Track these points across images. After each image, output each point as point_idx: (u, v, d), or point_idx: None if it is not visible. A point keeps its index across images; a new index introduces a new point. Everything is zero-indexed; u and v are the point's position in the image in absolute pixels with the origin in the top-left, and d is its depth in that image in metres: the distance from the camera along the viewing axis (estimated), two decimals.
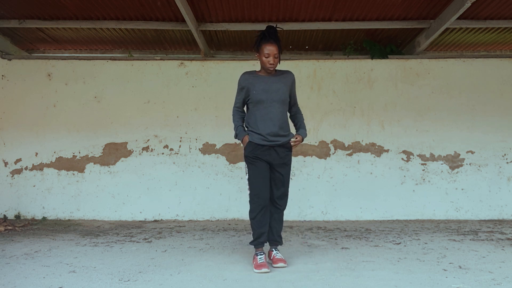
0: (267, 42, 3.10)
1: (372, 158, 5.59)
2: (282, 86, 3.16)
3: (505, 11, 4.93)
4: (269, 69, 3.13)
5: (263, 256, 3.09)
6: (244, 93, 3.22)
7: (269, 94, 3.12)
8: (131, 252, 3.61)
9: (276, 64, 3.15)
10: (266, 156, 3.13)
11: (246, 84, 3.19)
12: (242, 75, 3.26)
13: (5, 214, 5.54)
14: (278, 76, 3.21)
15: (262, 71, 3.22)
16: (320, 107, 5.65)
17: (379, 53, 5.69)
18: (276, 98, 3.12)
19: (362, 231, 4.62)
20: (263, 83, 3.15)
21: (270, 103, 3.11)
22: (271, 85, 3.15)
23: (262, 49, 3.10)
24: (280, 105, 3.14)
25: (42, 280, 2.79)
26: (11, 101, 5.68)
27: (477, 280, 2.72)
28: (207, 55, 5.85)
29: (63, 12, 5.03)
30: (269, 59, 3.09)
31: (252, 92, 3.15)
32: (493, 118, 5.59)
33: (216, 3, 4.77)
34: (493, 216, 5.48)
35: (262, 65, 3.17)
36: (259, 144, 3.11)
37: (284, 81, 3.20)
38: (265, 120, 3.11)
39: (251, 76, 3.21)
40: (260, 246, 3.15)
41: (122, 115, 5.66)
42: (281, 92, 3.14)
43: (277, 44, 3.11)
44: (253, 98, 3.15)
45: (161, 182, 5.58)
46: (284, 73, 3.26)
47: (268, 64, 3.11)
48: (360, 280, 2.75)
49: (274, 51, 3.09)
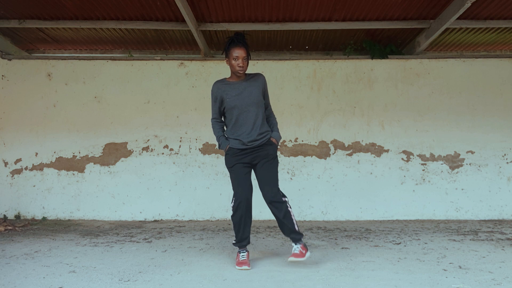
0: (235, 46, 3.12)
1: (372, 158, 5.59)
2: (254, 89, 3.19)
3: (505, 11, 4.93)
4: (239, 72, 3.14)
5: (245, 254, 3.16)
6: (218, 103, 3.23)
7: (243, 99, 3.14)
8: (131, 252, 3.61)
9: (246, 67, 3.16)
10: (247, 158, 3.17)
11: (219, 93, 3.21)
12: (213, 85, 3.27)
13: (5, 214, 5.54)
14: (249, 80, 3.23)
15: (233, 76, 3.23)
16: (320, 107, 5.65)
17: (379, 53, 5.69)
18: (250, 102, 3.15)
19: (362, 231, 4.62)
20: (235, 89, 3.18)
21: (245, 108, 3.14)
22: (243, 90, 3.17)
23: (231, 53, 3.12)
24: (255, 108, 3.17)
25: (42, 280, 2.79)
26: (11, 101, 5.68)
27: (477, 280, 2.72)
28: (207, 55, 5.85)
29: (63, 12, 5.03)
30: (238, 61, 3.10)
31: (226, 100, 3.17)
32: (493, 118, 5.59)
33: (216, 3, 4.77)
34: (493, 216, 5.48)
35: (231, 69, 3.18)
36: (238, 148, 3.16)
37: (256, 84, 3.21)
38: (242, 125, 3.15)
39: (222, 85, 3.23)
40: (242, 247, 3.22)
41: (122, 115, 5.66)
42: (254, 96, 3.17)
43: (245, 48, 3.13)
44: (227, 105, 3.17)
45: (161, 182, 5.58)
46: (254, 76, 3.27)
47: (238, 67, 3.12)
48: (360, 280, 2.75)
49: (243, 54, 3.10)
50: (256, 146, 3.17)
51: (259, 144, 3.17)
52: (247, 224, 3.20)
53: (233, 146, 3.18)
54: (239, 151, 3.17)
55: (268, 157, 3.19)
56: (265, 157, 3.18)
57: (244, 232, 3.19)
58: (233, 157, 3.19)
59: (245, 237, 3.20)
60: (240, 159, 3.17)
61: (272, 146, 3.22)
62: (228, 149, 3.21)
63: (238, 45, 3.11)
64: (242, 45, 3.11)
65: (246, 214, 3.18)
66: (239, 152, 3.17)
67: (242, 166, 3.19)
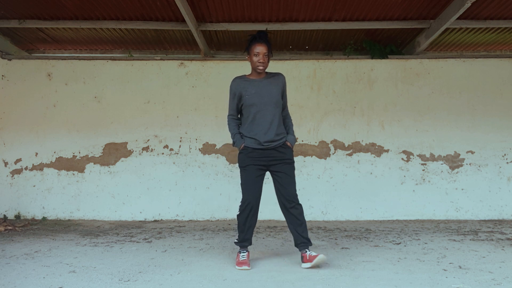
0: (256, 42, 3.13)
1: (372, 158, 5.59)
2: (274, 88, 3.17)
3: (505, 11, 4.93)
4: (259, 68, 3.14)
5: (245, 254, 3.15)
6: (237, 99, 3.21)
7: (262, 98, 3.13)
8: (131, 252, 3.61)
9: (266, 65, 3.16)
10: (262, 159, 3.14)
11: (238, 90, 3.20)
12: (232, 81, 3.26)
13: (5, 214, 5.54)
14: (269, 78, 3.22)
15: (253, 73, 3.23)
16: (320, 107, 5.65)
17: (379, 53, 5.69)
18: (268, 101, 3.13)
19: (362, 231, 4.62)
20: (255, 87, 3.16)
21: (263, 106, 3.12)
22: (263, 88, 3.16)
23: (252, 49, 3.13)
24: (273, 107, 3.15)
25: (42, 280, 2.79)
26: (11, 101, 5.68)
27: (477, 280, 2.72)
28: (207, 55, 5.85)
29: (63, 12, 5.03)
30: (259, 57, 3.11)
31: (245, 97, 3.15)
32: (493, 118, 5.59)
33: (216, 3, 4.77)
34: (493, 216, 5.48)
35: (252, 66, 3.18)
36: (254, 148, 3.13)
37: (276, 83, 3.20)
38: (259, 124, 3.13)
39: (242, 81, 3.22)
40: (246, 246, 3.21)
41: (122, 115, 5.66)
42: (273, 95, 3.15)
43: (266, 45, 3.13)
44: (246, 102, 3.15)
45: (161, 182, 5.58)
46: (275, 75, 3.26)
47: (258, 63, 3.12)
48: (360, 280, 2.75)
49: (264, 50, 3.11)
50: (272, 148, 3.13)
51: (275, 146, 3.14)
52: (251, 226, 3.18)
53: (248, 145, 3.15)
54: (254, 150, 3.13)
55: (286, 160, 3.17)
56: (282, 160, 3.15)
57: (247, 233, 3.17)
58: (247, 157, 3.15)
59: (247, 238, 3.19)
60: (255, 161, 3.13)
61: (289, 149, 3.20)
62: (242, 148, 3.18)
63: (260, 42, 3.11)
64: (263, 41, 3.12)
65: (252, 216, 3.15)
66: (254, 152, 3.13)
67: (256, 168, 3.14)
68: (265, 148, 3.13)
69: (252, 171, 3.14)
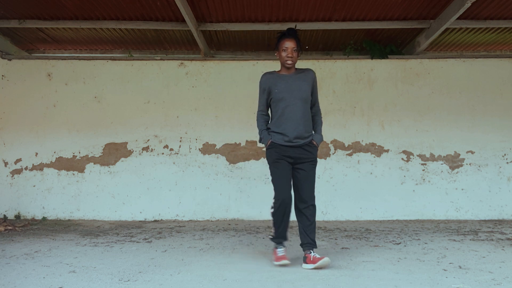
0: (285, 38, 3.15)
1: (372, 158, 5.59)
2: (303, 83, 3.16)
3: (505, 11, 4.93)
4: (287, 62, 3.14)
5: (283, 249, 3.15)
6: (266, 94, 3.21)
7: (291, 93, 3.12)
8: (131, 252, 3.61)
9: (295, 59, 3.16)
10: (291, 155, 3.12)
11: (267, 85, 3.19)
12: (262, 76, 3.25)
13: (5, 214, 5.54)
14: (299, 73, 3.21)
15: (282, 69, 3.23)
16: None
17: (379, 53, 5.69)
18: (298, 96, 3.12)
19: (362, 231, 4.62)
20: (284, 82, 3.16)
21: (293, 101, 3.11)
22: (293, 83, 3.15)
23: (281, 45, 3.15)
24: (303, 103, 3.13)
25: (42, 280, 2.78)
26: (11, 101, 5.68)
27: (477, 280, 2.72)
28: (207, 55, 5.85)
29: (63, 12, 5.03)
30: (287, 52, 3.12)
31: (274, 91, 3.15)
32: (493, 118, 5.59)
33: (216, 3, 4.77)
34: (493, 216, 5.48)
35: (281, 61, 3.19)
36: (281, 144, 3.12)
37: (305, 78, 3.19)
38: (287, 119, 3.10)
39: (271, 76, 3.22)
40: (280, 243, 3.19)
41: (122, 115, 5.66)
42: (303, 90, 3.14)
43: (295, 40, 3.14)
44: (275, 97, 3.14)
45: (161, 182, 5.58)
46: (304, 71, 3.24)
47: (286, 57, 3.13)
48: (360, 280, 2.75)
49: (292, 45, 3.12)
50: (299, 146, 3.12)
51: (302, 144, 3.12)
52: (287, 222, 3.16)
53: (275, 141, 3.13)
54: (281, 147, 3.12)
55: (311, 159, 3.15)
56: (308, 159, 3.14)
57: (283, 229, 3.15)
58: (275, 152, 3.13)
59: (283, 234, 3.17)
60: (284, 156, 3.11)
61: (315, 148, 3.18)
62: (270, 144, 3.16)
63: (288, 37, 3.14)
64: (292, 37, 3.14)
65: (287, 212, 3.12)
66: (282, 149, 3.11)
67: (286, 162, 3.13)
68: (292, 146, 3.11)
69: (284, 165, 3.13)
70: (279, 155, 3.12)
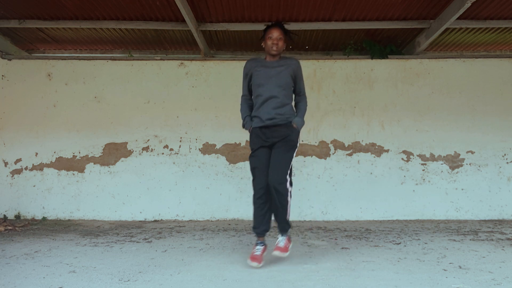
0: (271, 27, 3.22)
1: (372, 158, 5.59)
2: (283, 70, 3.19)
3: (505, 11, 4.93)
4: (272, 49, 3.18)
5: (261, 248, 3.14)
6: (248, 78, 3.28)
7: (269, 79, 3.16)
8: (131, 252, 3.61)
9: (280, 48, 3.20)
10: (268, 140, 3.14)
11: (249, 69, 3.27)
12: (246, 62, 3.34)
13: (5, 214, 5.54)
14: (281, 61, 3.26)
15: (267, 57, 3.29)
16: (320, 107, 5.65)
17: (379, 53, 5.69)
18: (276, 83, 3.15)
19: (362, 231, 4.62)
20: (265, 68, 3.22)
21: (271, 87, 3.15)
22: (273, 69, 3.19)
23: (267, 34, 3.22)
24: (281, 89, 3.16)
25: (42, 280, 2.78)
26: (11, 101, 5.68)
27: (477, 280, 2.72)
28: (207, 55, 5.86)
29: (63, 12, 5.03)
30: (272, 40, 3.18)
31: (254, 77, 3.22)
32: (493, 118, 5.59)
33: (216, 3, 4.77)
34: (493, 216, 5.48)
35: (266, 49, 3.25)
36: (259, 127, 3.16)
37: (286, 66, 3.22)
38: (264, 102, 3.14)
39: (255, 62, 3.30)
40: (259, 235, 3.20)
41: (122, 115, 5.66)
42: (281, 76, 3.17)
43: (280, 29, 3.21)
44: (254, 82, 3.21)
45: (161, 182, 5.59)
46: (288, 59, 3.29)
47: (271, 44, 3.18)
48: (360, 280, 2.75)
49: (277, 34, 3.19)
50: (273, 125, 3.12)
51: (276, 123, 3.12)
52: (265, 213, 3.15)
53: (254, 125, 3.19)
54: (259, 129, 3.15)
55: (285, 140, 3.13)
56: (282, 140, 3.13)
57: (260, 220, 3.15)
58: (256, 138, 3.18)
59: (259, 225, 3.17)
60: (263, 142, 3.15)
61: (290, 129, 3.15)
62: (251, 130, 3.22)
63: (274, 26, 3.21)
64: (278, 26, 3.21)
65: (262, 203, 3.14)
66: (259, 131, 3.16)
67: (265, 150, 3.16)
68: (267, 126, 3.12)
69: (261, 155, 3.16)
70: (258, 141, 3.16)
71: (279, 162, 3.10)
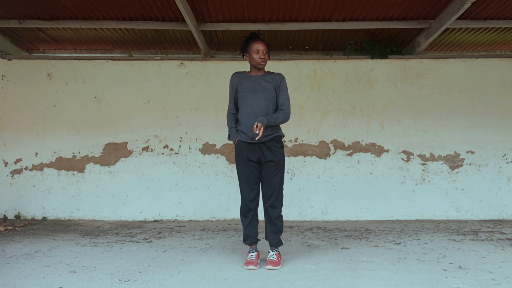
0: (254, 40, 3.20)
1: (372, 158, 5.59)
2: (268, 85, 3.20)
3: (505, 11, 4.93)
4: (261, 63, 3.19)
5: (254, 254, 3.17)
6: (234, 93, 3.27)
7: (255, 92, 3.16)
8: (131, 252, 3.61)
9: (266, 60, 3.22)
10: (255, 154, 3.14)
11: (235, 83, 3.26)
12: (232, 76, 3.32)
13: (5, 214, 5.54)
14: (267, 75, 3.26)
15: (253, 70, 3.28)
16: (320, 107, 5.65)
17: (379, 53, 5.69)
18: (262, 96, 3.16)
19: (362, 231, 4.62)
20: (251, 81, 3.21)
21: (256, 101, 3.15)
22: (258, 83, 3.20)
23: (251, 48, 3.20)
24: (266, 103, 3.16)
25: (42, 280, 2.79)
26: (11, 101, 5.68)
27: (477, 280, 2.72)
28: (207, 55, 5.86)
29: (63, 12, 5.03)
30: (259, 54, 3.18)
31: (240, 90, 3.21)
32: (493, 118, 5.59)
33: (216, 3, 4.77)
34: (493, 216, 5.48)
35: (252, 63, 3.23)
36: (245, 141, 3.16)
37: (272, 81, 3.22)
38: (250, 118, 3.13)
39: (240, 75, 3.29)
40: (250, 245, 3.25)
41: (122, 115, 5.66)
42: (267, 91, 3.18)
43: (264, 42, 3.21)
44: (240, 95, 3.20)
45: (161, 182, 5.59)
46: (273, 74, 3.29)
47: (259, 59, 3.18)
48: (360, 280, 2.75)
49: (263, 47, 3.19)
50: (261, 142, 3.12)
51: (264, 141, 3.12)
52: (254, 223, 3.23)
53: (240, 139, 3.18)
54: (246, 144, 3.15)
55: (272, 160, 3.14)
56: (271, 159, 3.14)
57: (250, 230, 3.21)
58: (241, 150, 3.17)
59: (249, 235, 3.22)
60: (249, 156, 3.15)
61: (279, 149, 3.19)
62: (236, 142, 3.21)
63: (258, 40, 3.20)
64: (261, 39, 3.21)
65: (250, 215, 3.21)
66: (245, 146, 3.15)
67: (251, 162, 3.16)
68: (253, 143, 3.13)
69: (246, 166, 3.17)
70: (243, 154, 3.17)
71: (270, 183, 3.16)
